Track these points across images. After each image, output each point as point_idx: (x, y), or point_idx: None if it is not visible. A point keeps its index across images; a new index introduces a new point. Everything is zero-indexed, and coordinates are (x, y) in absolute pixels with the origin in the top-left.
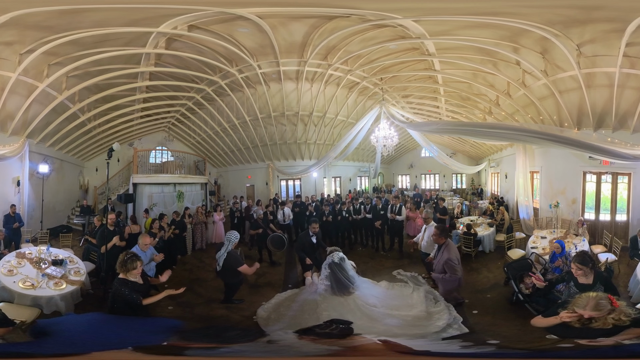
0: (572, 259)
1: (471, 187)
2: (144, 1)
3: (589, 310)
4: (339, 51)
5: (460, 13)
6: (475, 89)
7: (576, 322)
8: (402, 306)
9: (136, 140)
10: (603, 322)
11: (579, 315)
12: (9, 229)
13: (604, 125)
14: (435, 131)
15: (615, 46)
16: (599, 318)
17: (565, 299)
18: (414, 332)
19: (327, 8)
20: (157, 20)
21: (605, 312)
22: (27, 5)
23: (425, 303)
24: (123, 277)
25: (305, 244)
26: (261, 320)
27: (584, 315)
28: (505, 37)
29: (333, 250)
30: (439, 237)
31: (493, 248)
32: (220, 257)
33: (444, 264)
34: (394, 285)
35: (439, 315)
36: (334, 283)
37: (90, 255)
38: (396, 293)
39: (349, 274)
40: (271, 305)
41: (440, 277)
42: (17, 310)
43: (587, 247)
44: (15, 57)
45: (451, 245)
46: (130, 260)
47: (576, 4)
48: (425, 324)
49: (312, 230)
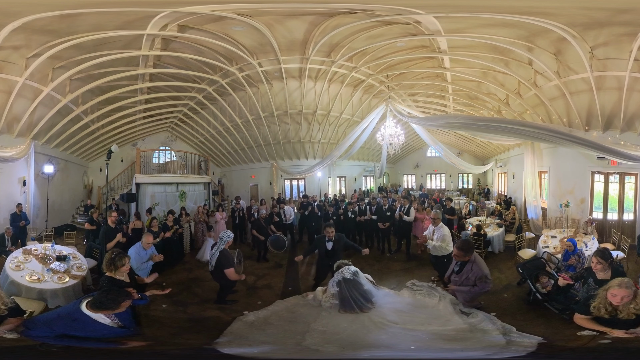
0: (593, 254)
1: (478, 187)
2: (128, 4)
3: (624, 287)
4: (342, 48)
5: (491, 11)
6: (485, 87)
7: (605, 313)
8: (431, 319)
9: (139, 141)
10: (627, 313)
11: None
12: (15, 227)
13: (612, 127)
14: (446, 125)
15: (626, 50)
16: (624, 308)
17: (584, 295)
18: (461, 346)
19: (334, 4)
20: (143, 21)
21: (632, 294)
22: (37, 10)
23: (456, 314)
24: (110, 275)
25: (319, 250)
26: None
27: (621, 295)
28: (522, 37)
29: (342, 265)
30: (465, 256)
31: (502, 248)
32: (213, 256)
33: (478, 279)
34: (416, 294)
35: (483, 324)
36: (346, 302)
37: (92, 252)
38: (421, 304)
39: (365, 288)
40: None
41: (467, 290)
42: (24, 303)
43: (596, 246)
44: (22, 62)
45: (479, 260)
46: (119, 257)
47: (604, 6)
48: (469, 336)
49: (327, 236)
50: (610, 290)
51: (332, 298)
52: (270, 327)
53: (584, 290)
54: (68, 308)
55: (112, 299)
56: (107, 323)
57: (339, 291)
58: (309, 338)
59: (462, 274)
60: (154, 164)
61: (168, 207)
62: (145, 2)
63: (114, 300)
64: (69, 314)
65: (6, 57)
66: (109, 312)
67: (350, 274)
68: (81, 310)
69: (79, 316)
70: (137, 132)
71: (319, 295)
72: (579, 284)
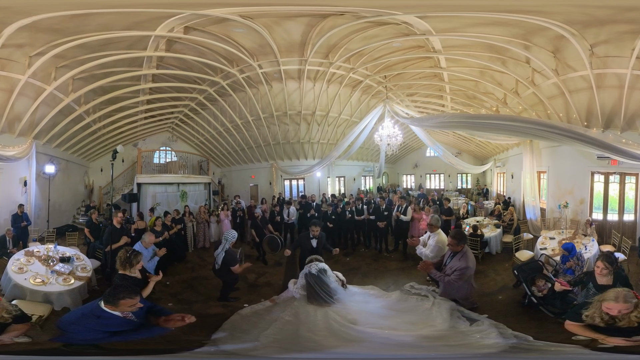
0: (598, 258)
1: (476, 187)
2: (140, 5)
3: (621, 301)
4: (340, 49)
5: (485, 10)
6: (482, 87)
7: (601, 322)
8: (407, 323)
9: (140, 141)
10: (628, 321)
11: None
12: (17, 228)
13: (612, 125)
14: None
15: (628, 47)
16: (624, 317)
17: (583, 300)
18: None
19: (320, 6)
20: (153, 23)
21: (633, 306)
22: (48, 9)
23: (450, 319)
24: (123, 273)
25: (302, 246)
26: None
27: (617, 309)
28: (518, 35)
29: (313, 259)
30: (457, 246)
31: (500, 249)
32: (219, 255)
33: (460, 270)
34: (408, 298)
35: (482, 334)
36: (310, 295)
37: (95, 252)
38: (410, 306)
39: (330, 287)
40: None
41: (439, 276)
42: (31, 306)
43: (596, 247)
44: (25, 60)
45: (469, 253)
46: (134, 254)
47: (606, 4)
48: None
49: (312, 233)
50: (605, 304)
51: (301, 289)
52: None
53: (582, 295)
54: (89, 307)
55: (112, 295)
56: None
57: (305, 284)
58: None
59: (451, 262)
60: (155, 164)
61: (169, 207)
62: (160, 4)
63: (113, 296)
64: (92, 312)
65: (9, 55)
66: (113, 308)
67: (317, 270)
68: (101, 308)
69: (101, 313)
70: (138, 133)
71: (291, 287)
72: (577, 289)
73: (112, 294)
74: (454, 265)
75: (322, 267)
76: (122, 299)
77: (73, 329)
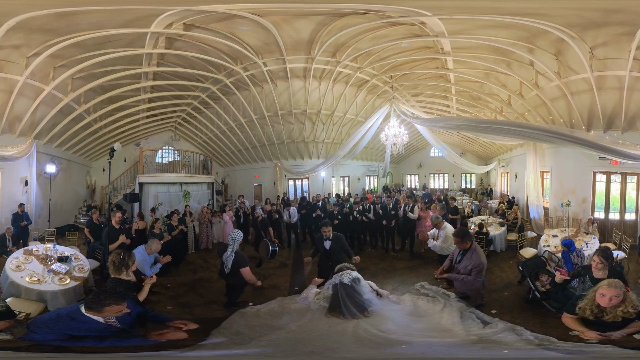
0: (594, 252)
1: (480, 187)
2: (131, 2)
3: (612, 286)
4: (348, 48)
5: (488, 13)
6: (487, 88)
7: (590, 315)
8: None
9: (142, 140)
10: (614, 315)
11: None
12: (17, 227)
13: (614, 126)
14: (450, 127)
15: (626, 49)
16: (610, 311)
17: (580, 293)
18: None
19: (346, 4)
20: (145, 20)
21: (622, 295)
22: (31, 8)
23: (462, 323)
24: (117, 277)
25: (319, 249)
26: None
27: (609, 295)
28: (522, 38)
29: (343, 268)
30: (463, 243)
31: (504, 247)
32: (228, 258)
33: (477, 268)
34: (418, 300)
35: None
36: (335, 306)
37: (94, 253)
38: (421, 310)
39: (364, 297)
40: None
41: (461, 279)
42: (23, 304)
43: (597, 245)
44: (22, 61)
45: (479, 250)
46: (129, 256)
47: (597, 7)
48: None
49: (324, 235)
50: (599, 290)
51: (323, 301)
52: (256, 319)
53: (580, 289)
54: (69, 308)
55: (95, 301)
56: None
57: (332, 294)
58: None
59: (462, 261)
60: (157, 163)
61: (172, 207)
62: (149, 1)
63: (97, 302)
64: (68, 314)
65: (6, 57)
66: (96, 313)
67: (350, 279)
68: (80, 311)
69: (77, 315)
70: (140, 132)
71: (311, 297)
72: (576, 282)
73: (96, 300)
74: (467, 265)
75: (355, 276)
76: (108, 306)
77: (38, 330)
